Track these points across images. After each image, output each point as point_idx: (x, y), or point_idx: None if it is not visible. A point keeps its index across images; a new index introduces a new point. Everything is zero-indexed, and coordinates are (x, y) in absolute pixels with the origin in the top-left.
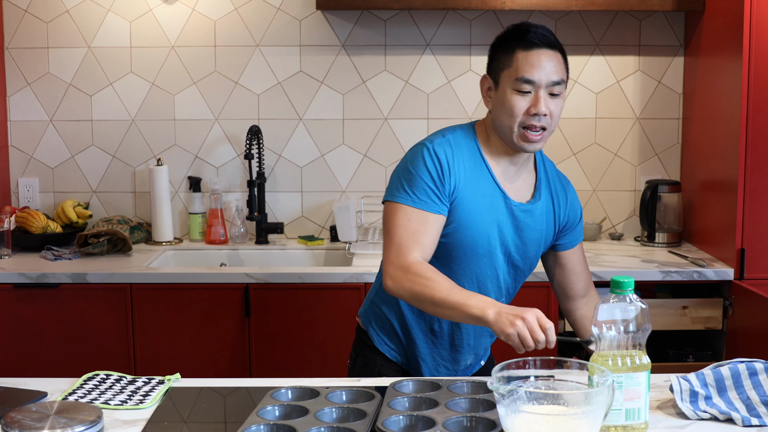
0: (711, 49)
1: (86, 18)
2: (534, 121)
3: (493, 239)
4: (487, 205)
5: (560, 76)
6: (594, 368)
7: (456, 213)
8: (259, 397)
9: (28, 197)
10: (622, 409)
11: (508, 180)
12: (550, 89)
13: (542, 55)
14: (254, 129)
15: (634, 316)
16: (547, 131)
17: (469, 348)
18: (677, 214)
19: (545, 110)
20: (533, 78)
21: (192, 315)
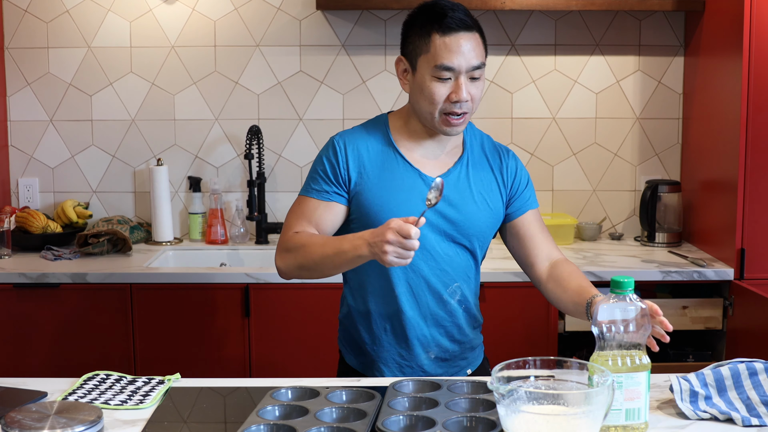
0: (711, 49)
1: (86, 18)
2: (455, 108)
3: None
4: (398, 187)
5: (480, 59)
6: (594, 368)
7: (363, 200)
8: (259, 397)
9: (28, 197)
10: (622, 409)
11: (431, 158)
12: (471, 74)
13: (461, 39)
14: (254, 129)
15: (634, 316)
16: (468, 114)
17: (419, 342)
18: (677, 214)
19: (467, 97)
20: (453, 65)
21: (192, 315)
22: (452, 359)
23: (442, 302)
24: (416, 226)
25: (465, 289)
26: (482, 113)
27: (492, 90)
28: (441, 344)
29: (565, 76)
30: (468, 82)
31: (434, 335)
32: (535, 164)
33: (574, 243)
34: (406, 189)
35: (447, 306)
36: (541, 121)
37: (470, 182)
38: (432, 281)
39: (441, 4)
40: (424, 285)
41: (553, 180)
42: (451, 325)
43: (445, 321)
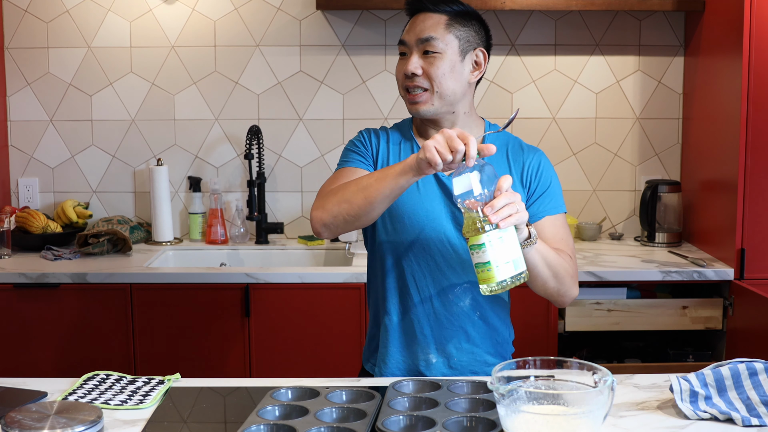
0: (711, 49)
1: (86, 18)
2: (408, 81)
3: (423, 208)
4: (417, 184)
5: (430, 32)
6: (594, 368)
7: None
8: (259, 397)
9: (28, 197)
10: (510, 260)
11: None
12: (422, 47)
13: (418, 17)
14: (254, 129)
15: (485, 176)
16: (429, 92)
17: (426, 339)
18: (677, 214)
19: (413, 69)
20: (404, 39)
21: (192, 315)
22: (458, 368)
23: (447, 303)
24: (470, 148)
25: (477, 293)
26: (482, 113)
27: (492, 90)
28: (444, 349)
29: (565, 76)
30: (421, 56)
31: (435, 336)
32: None
33: (575, 243)
34: (423, 183)
35: (453, 308)
36: (541, 121)
37: (483, 180)
38: (436, 278)
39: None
40: (426, 281)
41: None
42: (456, 330)
43: (450, 324)
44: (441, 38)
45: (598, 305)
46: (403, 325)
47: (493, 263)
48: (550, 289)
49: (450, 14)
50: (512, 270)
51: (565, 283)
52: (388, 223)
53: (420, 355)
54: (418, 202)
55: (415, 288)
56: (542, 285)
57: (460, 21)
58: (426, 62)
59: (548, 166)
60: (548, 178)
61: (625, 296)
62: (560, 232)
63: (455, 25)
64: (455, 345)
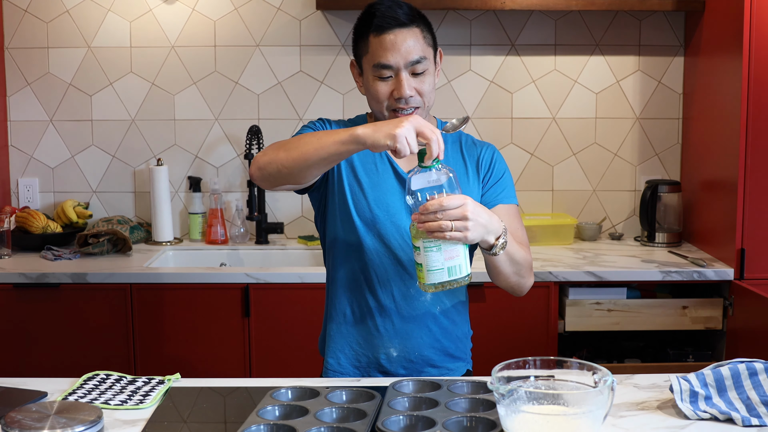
0: (711, 49)
1: (86, 18)
2: (401, 104)
3: (383, 204)
4: (373, 172)
5: (419, 53)
6: (594, 367)
7: (340, 180)
8: (259, 397)
9: (28, 197)
10: (444, 267)
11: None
12: (412, 69)
13: (396, 36)
14: (254, 129)
15: (444, 184)
16: (421, 109)
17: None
18: (677, 214)
19: (409, 92)
20: (389, 63)
21: (192, 315)
22: (418, 363)
23: (408, 297)
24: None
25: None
26: (482, 113)
27: (492, 90)
28: (405, 343)
29: (565, 76)
30: (410, 77)
31: (397, 330)
32: (535, 164)
33: (574, 243)
34: (379, 173)
35: (414, 303)
36: (541, 121)
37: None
38: (397, 272)
39: (376, 5)
40: (388, 274)
41: (553, 180)
42: (419, 324)
43: (412, 319)
44: (427, 56)
45: (598, 305)
46: (364, 319)
47: (425, 267)
48: (512, 283)
49: (419, 24)
50: (444, 276)
51: (525, 275)
52: (345, 220)
53: (381, 348)
54: (378, 196)
55: (377, 282)
56: (504, 280)
57: (425, 28)
58: (416, 81)
59: (501, 159)
60: (501, 169)
61: (625, 296)
62: (514, 222)
63: (426, 35)
64: (416, 339)
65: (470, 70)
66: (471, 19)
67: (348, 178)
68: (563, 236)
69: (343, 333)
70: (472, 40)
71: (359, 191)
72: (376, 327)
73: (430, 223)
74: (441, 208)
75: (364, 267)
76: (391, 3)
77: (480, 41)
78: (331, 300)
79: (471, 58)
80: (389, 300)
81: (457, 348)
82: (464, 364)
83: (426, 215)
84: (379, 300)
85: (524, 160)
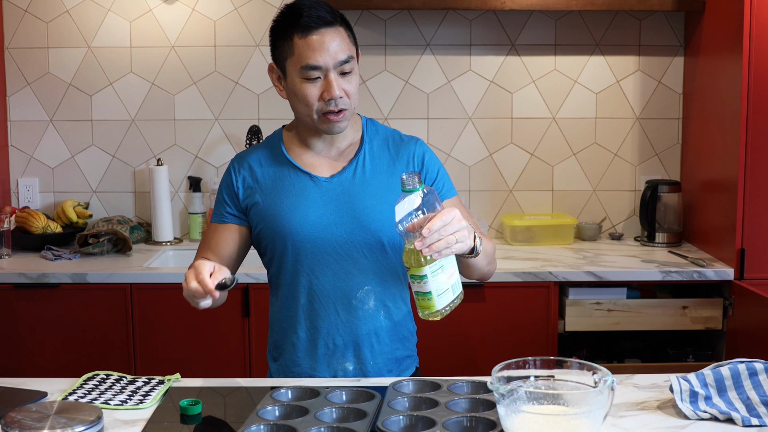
0: (711, 49)
1: (86, 18)
2: (331, 106)
3: (309, 220)
4: (289, 192)
5: (347, 53)
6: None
7: (258, 210)
8: (259, 397)
9: (28, 197)
10: (449, 287)
11: (324, 159)
12: (340, 69)
13: (323, 36)
14: (254, 129)
15: (427, 203)
16: (348, 110)
17: (339, 350)
18: (677, 214)
19: (339, 93)
20: (319, 63)
21: (192, 315)
22: (374, 371)
23: (352, 309)
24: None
25: (380, 292)
26: (482, 113)
27: (492, 90)
28: (358, 354)
29: (565, 76)
30: (339, 78)
31: (348, 345)
32: (535, 164)
33: (574, 243)
34: (297, 193)
35: (358, 313)
36: (541, 121)
37: (367, 177)
38: (336, 287)
39: (299, 5)
40: (327, 292)
41: (553, 180)
42: (367, 333)
43: (360, 330)
44: (353, 55)
45: (598, 305)
46: (313, 341)
47: (434, 293)
48: (484, 273)
49: (342, 23)
50: (450, 296)
51: (493, 264)
52: (278, 245)
53: (337, 365)
54: (303, 216)
55: (319, 301)
56: (478, 274)
57: (348, 27)
58: (344, 82)
59: (431, 153)
60: (435, 165)
61: (625, 296)
62: (463, 213)
63: (350, 34)
64: (368, 348)
65: (470, 70)
66: (471, 19)
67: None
68: (563, 236)
69: (299, 357)
70: (472, 40)
71: (285, 214)
72: (327, 346)
73: (437, 244)
74: (443, 225)
75: (307, 288)
76: (313, 3)
77: (480, 41)
78: (282, 323)
79: (471, 58)
80: (334, 316)
81: (404, 347)
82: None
83: (431, 236)
84: (325, 318)
85: (524, 160)
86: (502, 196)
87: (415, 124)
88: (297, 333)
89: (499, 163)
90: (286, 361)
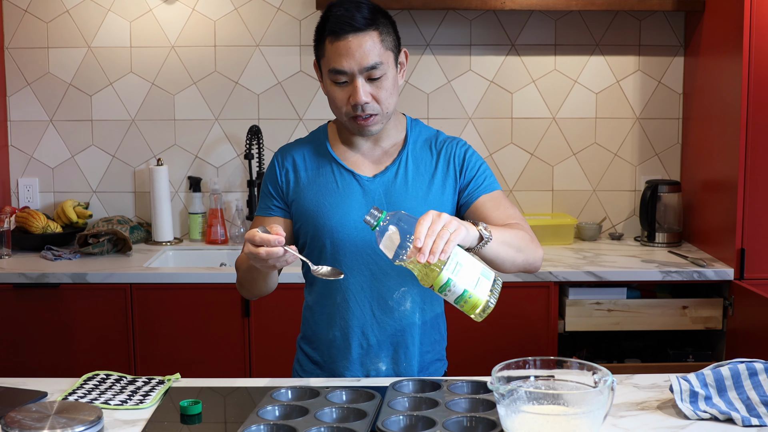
0: (711, 49)
1: (86, 18)
2: (358, 111)
3: (350, 219)
4: (332, 190)
5: (375, 59)
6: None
7: (300, 206)
8: (259, 397)
9: (28, 197)
10: (479, 276)
11: (367, 159)
12: (368, 74)
13: (350, 42)
14: (254, 129)
15: (404, 225)
16: (380, 115)
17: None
18: (677, 214)
19: (364, 99)
20: (343, 68)
21: (192, 315)
22: (406, 373)
23: (388, 310)
24: (276, 235)
25: (416, 293)
26: (482, 113)
27: (492, 90)
28: (391, 356)
29: (565, 76)
30: (366, 83)
31: (382, 345)
32: (535, 164)
33: (574, 243)
34: (339, 191)
35: (394, 314)
36: (541, 121)
37: (408, 178)
38: (373, 287)
39: (333, 7)
40: (365, 292)
41: (553, 180)
42: (402, 335)
43: (395, 331)
44: (384, 60)
45: (598, 305)
46: (347, 339)
47: (469, 289)
48: (519, 264)
49: (377, 27)
50: (487, 283)
51: (530, 251)
52: (316, 241)
53: (369, 365)
54: (344, 214)
55: (355, 301)
56: (511, 265)
57: (386, 30)
58: (373, 87)
59: (473, 152)
60: (476, 162)
61: (625, 296)
62: (502, 205)
63: (386, 38)
64: (402, 350)
65: (470, 70)
66: (471, 19)
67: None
68: (563, 236)
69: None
70: (472, 40)
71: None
72: (361, 345)
73: (435, 245)
74: (427, 227)
75: (341, 289)
76: (349, 4)
77: (480, 41)
78: (316, 322)
79: (471, 58)
80: (370, 316)
81: (435, 350)
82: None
83: (425, 243)
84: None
85: (524, 160)
86: None
87: None
88: (332, 330)
89: (499, 163)
90: (319, 356)
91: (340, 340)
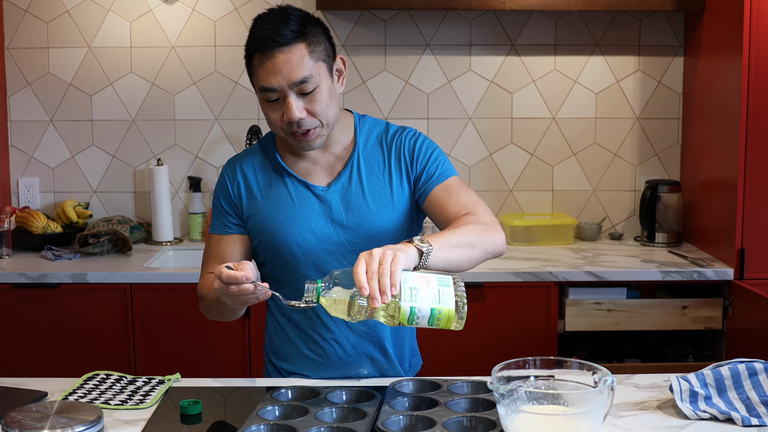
0: (711, 49)
1: (86, 18)
2: (294, 128)
3: (310, 232)
4: (287, 203)
5: (304, 72)
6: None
7: (256, 222)
8: (259, 397)
9: (28, 197)
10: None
11: (319, 166)
12: (299, 89)
13: (276, 58)
14: (254, 129)
15: (343, 280)
16: (319, 128)
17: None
18: (677, 214)
19: (298, 115)
20: (272, 86)
21: (192, 315)
22: (389, 375)
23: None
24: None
25: None
26: (482, 113)
27: (492, 90)
28: (370, 361)
29: (565, 76)
30: (299, 98)
31: (359, 351)
32: (535, 164)
33: (574, 243)
34: (296, 205)
35: (368, 320)
36: (541, 121)
37: (363, 181)
38: None
39: (258, 21)
40: None
41: (553, 180)
42: (378, 338)
43: (368, 335)
44: (315, 73)
45: (598, 305)
46: (323, 353)
47: (435, 306)
48: (477, 258)
49: (305, 39)
50: (449, 291)
51: (485, 241)
52: (277, 257)
53: (350, 371)
54: (303, 228)
55: (325, 313)
56: (468, 262)
57: (314, 41)
58: (306, 101)
59: (423, 140)
60: (426, 150)
61: (625, 296)
62: (455, 194)
63: (315, 49)
64: (379, 355)
65: (470, 70)
66: (471, 19)
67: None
68: (563, 236)
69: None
70: (472, 40)
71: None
72: (339, 356)
73: (381, 283)
74: (364, 270)
75: None
76: (273, 17)
77: (480, 41)
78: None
79: (471, 58)
80: (343, 327)
81: (412, 351)
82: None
83: (371, 286)
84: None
85: (524, 160)
86: (502, 196)
87: (415, 125)
88: (307, 345)
89: (499, 163)
90: (294, 369)
91: (316, 354)
